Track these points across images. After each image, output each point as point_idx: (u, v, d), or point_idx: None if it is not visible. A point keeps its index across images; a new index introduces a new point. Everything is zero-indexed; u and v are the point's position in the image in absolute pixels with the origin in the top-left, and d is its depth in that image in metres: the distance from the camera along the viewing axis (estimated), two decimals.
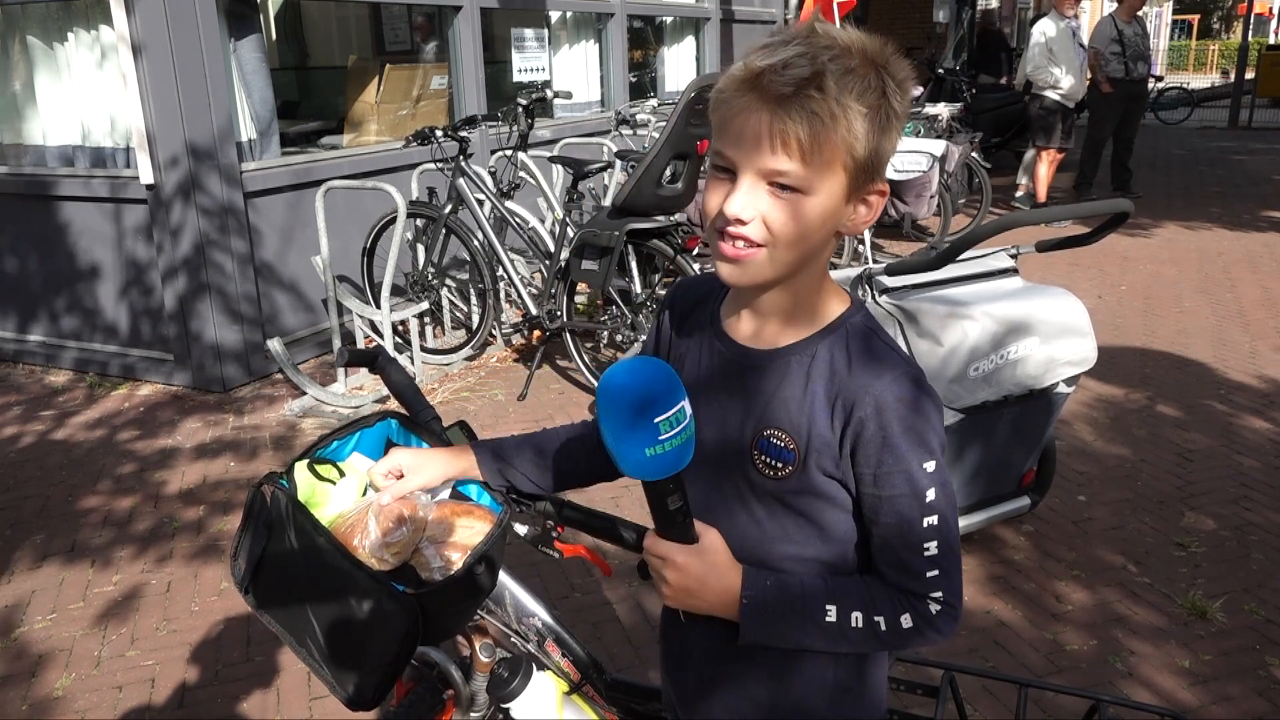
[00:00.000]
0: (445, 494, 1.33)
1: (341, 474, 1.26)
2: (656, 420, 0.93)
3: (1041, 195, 8.42)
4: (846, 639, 1.03)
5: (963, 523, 2.98)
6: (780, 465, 1.05)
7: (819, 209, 0.98)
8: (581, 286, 4.66)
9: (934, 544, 1.01)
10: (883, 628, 1.02)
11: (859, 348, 1.04)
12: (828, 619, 1.03)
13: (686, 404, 0.95)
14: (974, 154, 7.55)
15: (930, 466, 1.01)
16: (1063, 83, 8.10)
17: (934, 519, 1.01)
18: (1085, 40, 8.49)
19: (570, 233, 4.48)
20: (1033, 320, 2.75)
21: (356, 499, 1.25)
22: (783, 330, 1.08)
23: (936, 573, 1.02)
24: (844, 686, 1.13)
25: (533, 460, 1.31)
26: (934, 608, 1.03)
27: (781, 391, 1.05)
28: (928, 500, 1.01)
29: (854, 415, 1.01)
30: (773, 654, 1.11)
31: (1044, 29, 8.07)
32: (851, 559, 1.08)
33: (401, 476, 1.25)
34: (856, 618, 1.02)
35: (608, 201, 5.28)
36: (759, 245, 0.99)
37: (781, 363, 1.06)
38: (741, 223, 0.98)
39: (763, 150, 0.96)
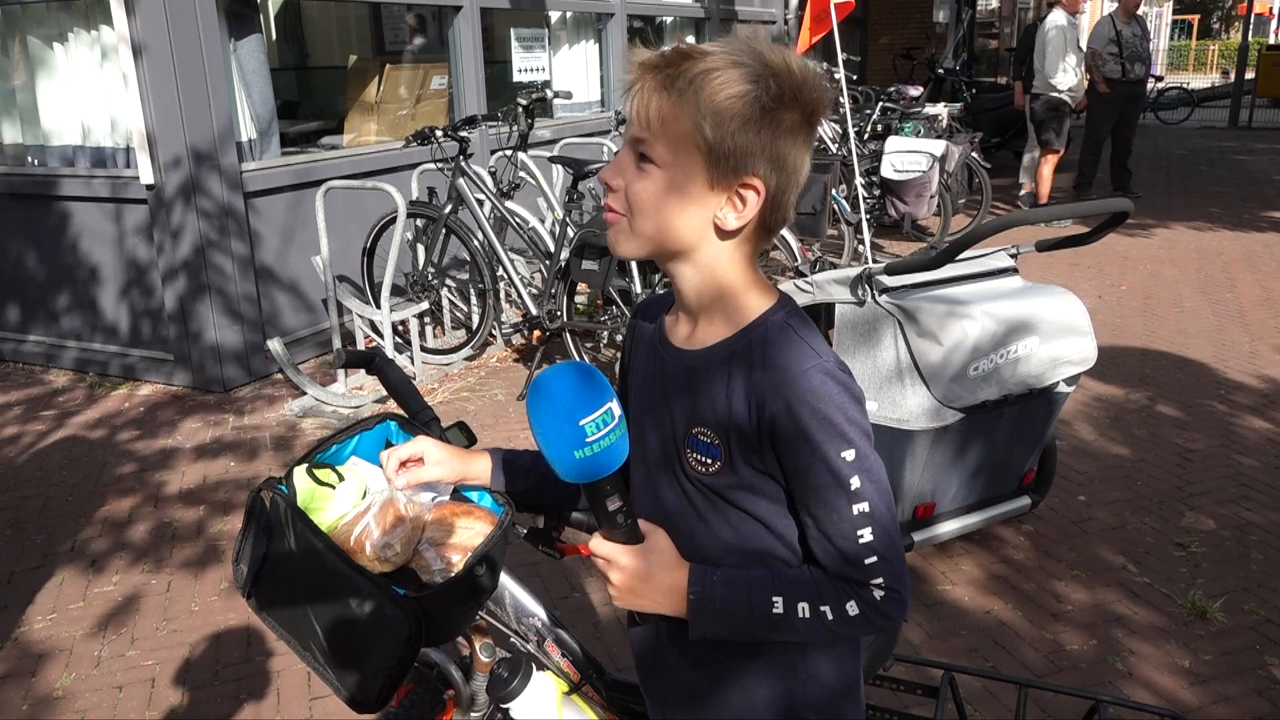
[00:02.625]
0: (445, 495, 1.33)
1: (340, 478, 1.26)
2: (581, 423, 0.96)
3: (1044, 195, 8.43)
4: (795, 629, 1.05)
5: (963, 522, 2.98)
6: (709, 461, 1.08)
7: (672, 184, 1.02)
8: (581, 286, 4.66)
9: (867, 530, 1.02)
10: (829, 616, 1.04)
11: (775, 344, 1.05)
12: (774, 610, 1.04)
13: (614, 405, 0.98)
14: (974, 154, 7.55)
15: (849, 455, 1.01)
16: (1071, 82, 8.11)
17: (863, 505, 1.02)
18: (1082, 41, 8.50)
19: (570, 233, 4.48)
20: (1033, 319, 2.75)
21: (356, 502, 1.25)
22: (709, 330, 1.10)
23: (875, 559, 1.03)
24: (835, 692, 1.14)
25: (544, 476, 1.30)
26: (877, 594, 1.04)
27: (707, 390, 1.08)
28: (853, 488, 1.02)
29: (766, 410, 1.03)
30: (739, 657, 1.13)
31: (1059, 27, 8.05)
32: (796, 550, 1.10)
33: (420, 464, 1.26)
34: (803, 608, 1.04)
35: None
36: (619, 214, 1.06)
37: (706, 361, 1.09)
38: (610, 188, 1.06)
39: (631, 122, 1.03)
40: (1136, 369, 4.76)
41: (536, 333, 4.69)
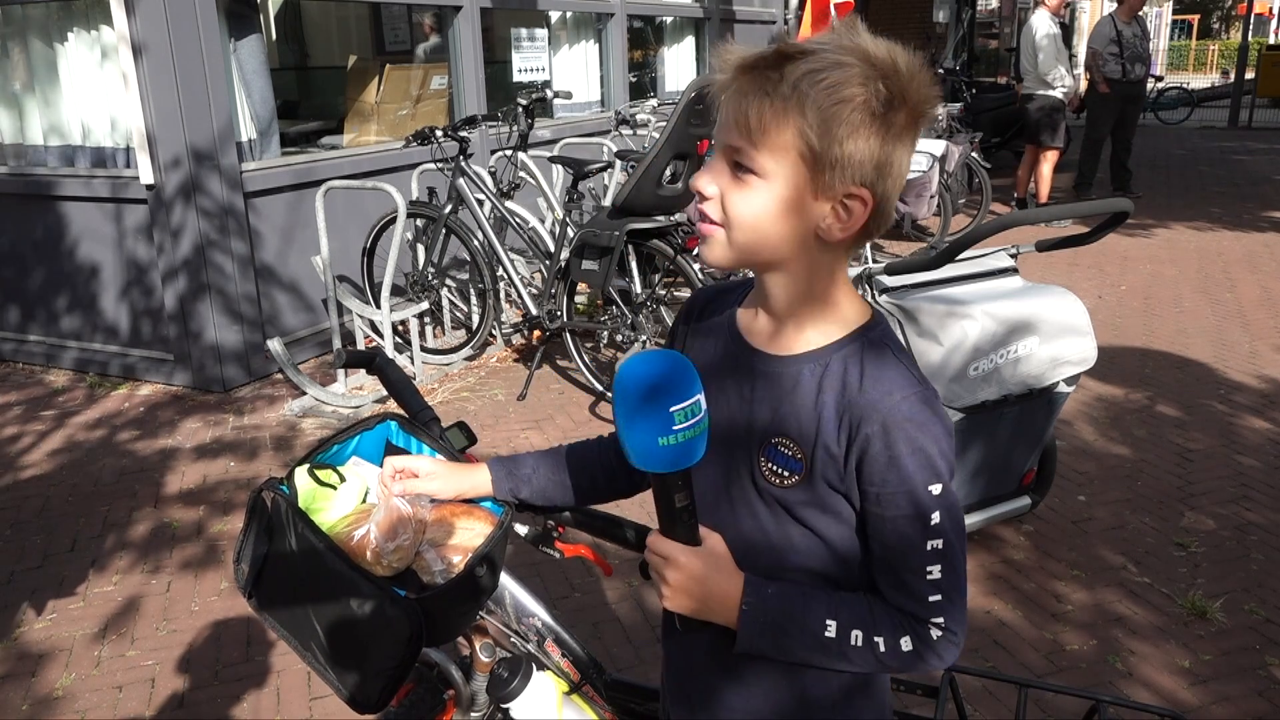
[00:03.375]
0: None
1: (341, 478, 1.26)
2: (672, 409, 0.91)
3: (1044, 195, 8.43)
4: (845, 657, 1.01)
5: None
6: (787, 474, 1.03)
7: (775, 196, 0.97)
8: (581, 286, 4.66)
9: (937, 568, 0.99)
10: (882, 649, 1.00)
11: (872, 363, 1.01)
12: (827, 634, 1.01)
13: (703, 399, 0.94)
14: (974, 154, 7.56)
15: (936, 489, 0.98)
16: (1066, 81, 8.13)
17: (938, 543, 0.99)
18: (1080, 41, 8.53)
19: (570, 233, 4.48)
20: (1033, 319, 2.75)
21: (357, 503, 1.25)
22: (798, 336, 1.05)
23: (939, 597, 1.00)
24: (850, 689, 1.12)
25: (548, 479, 1.30)
26: (935, 633, 1.00)
27: (792, 400, 1.03)
28: (932, 523, 0.98)
29: (860, 432, 0.99)
30: (776, 663, 1.09)
31: (1046, 27, 8.06)
32: (856, 576, 1.06)
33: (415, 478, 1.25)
34: (857, 636, 1.00)
35: (608, 201, 5.28)
36: (717, 224, 1.01)
37: (794, 370, 1.04)
38: (704, 197, 1.00)
39: (726, 128, 0.98)
40: (1136, 369, 4.76)
41: (536, 333, 4.69)
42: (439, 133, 4.76)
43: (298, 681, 2.60)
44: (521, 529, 1.38)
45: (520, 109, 4.91)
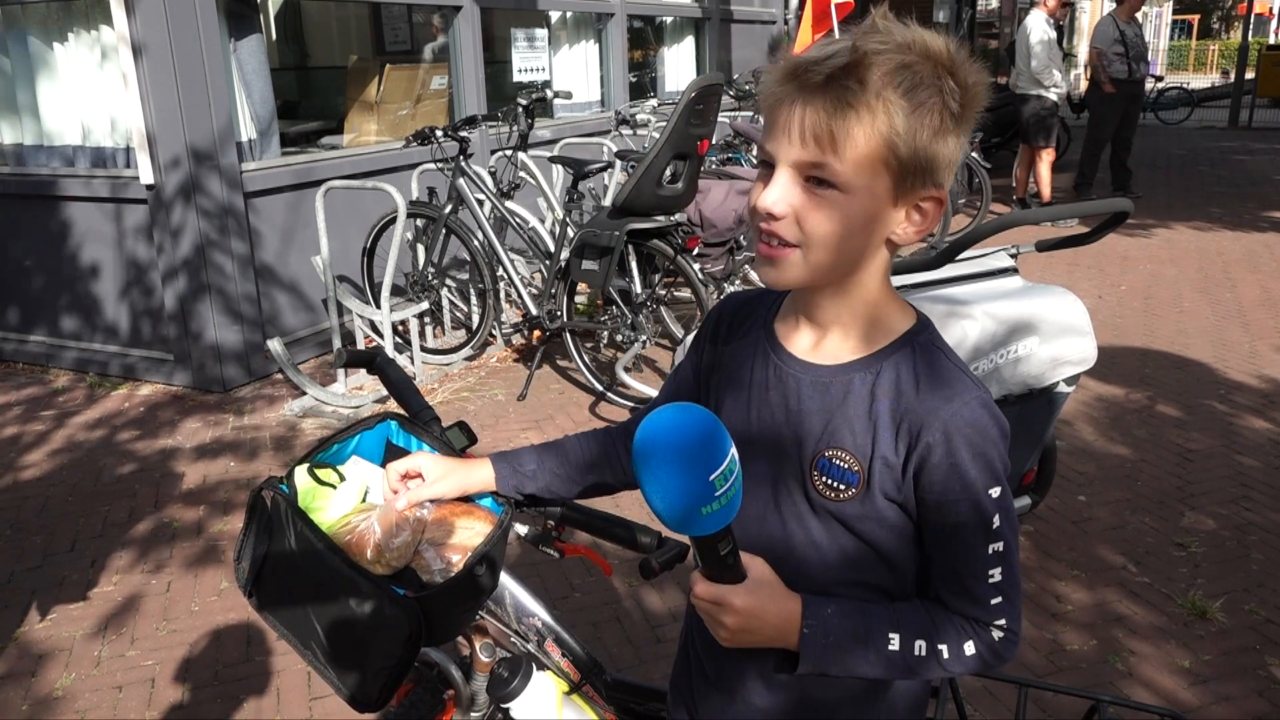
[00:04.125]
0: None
1: (341, 478, 1.26)
2: (712, 478, 0.85)
3: (1046, 195, 8.43)
4: (909, 667, 0.99)
5: None
6: (842, 487, 1.00)
7: (858, 209, 0.93)
8: (581, 286, 4.66)
9: (998, 570, 0.98)
10: (945, 655, 0.99)
11: (926, 368, 0.99)
12: (890, 647, 0.99)
13: (734, 451, 0.87)
14: (974, 154, 7.55)
15: (996, 493, 0.97)
16: (1061, 82, 8.14)
17: (999, 545, 0.98)
18: (1079, 42, 8.54)
19: (570, 233, 4.48)
20: (1033, 319, 2.75)
21: (357, 503, 1.25)
22: (844, 345, 1.02)
23: (1000, 599, 0.99)
24: (876, 685, 1.11)
25: (553, 474, 1.29)
26: (997, 634, 1.00)
27: (844, 410, 1.00)
28: (993, 527, 0.97)
29: (921, 439, 0.96)
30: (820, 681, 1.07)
31: (1041, 29, 8.07)
32: (910, 585, 1.05)
33: (419, 480, 1.25)
34: (920, 645, 0.99)
35: (608, 201, 5.28)
36: (793, 245, 0.95)
37: (844, 380, 1.01)
38: (774, 218, 0.94)
39: (794, 142, 0.92)
40: (1136, 369, 4.75)
41: (536, 333, 4.69)
42: (439, 133, 4.76)
43: (298, 681, 2.60)
44: (521, 529, 1.38)
45: (520, 109, 4.91)
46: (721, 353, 1.14)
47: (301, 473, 1.24)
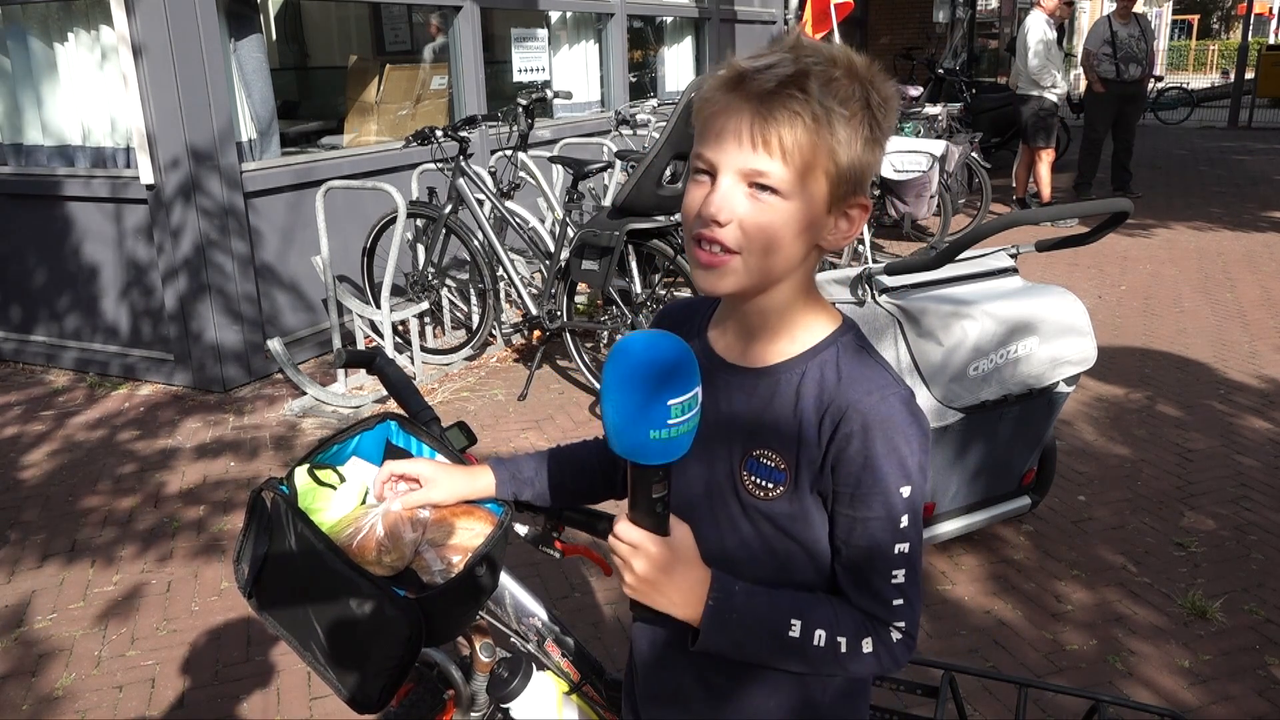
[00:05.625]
0: None
1: (341, 478, 1.26)
2: (670, 403, 0.87)
3: (1046, 195, 8.44)
4: (806, 657, 1.00)
5: (963, 522, 2.98)
6: (770, 486, 1.03)
7: (798, 216, 0.96)
8: (581, 286, 4.66)
9: (901, 572, 0.99)
10: (843, 649, 1.00)
11: (849, 364, 1.02)
12: (790, 633, 0.99)
13: (700, 393, 0.90)
14: (974, 154, 7.56)
15: (906, 492, 0.98)
16: (1060, 83, 8.14)
17: (904, 546, 0.99)
18: (1078, 43, 8.56)
19: (570, 233, 4.48)
20: (1033, 319, 2.75)
21: (356, 503, 1.25)
22: (771, 347, 1.05)
23: (901, 602, 1.00)
24: (842, 693, 1.12)
25: (550, 482, 1.30)
26: (895, 635, 1.00)
27: (771, 411, 1.03)
28: (901, 526, 0.98)
29: (840, 430, 0.98)
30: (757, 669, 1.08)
31: (1040, 30, 8.07)
32: (829, 579, 1.06)
33: (417, 485, 1.25)
34: (820, 635, 0.99)
35: (608, 201, 5.28)
36: (734, 252, 0.97)
37: (770, 381, 1.04)
38: (718, 224, 0.96)
39: (744, 149, 0.94)
40: (1136, 369, 4.76)
41: (536, 333, 4.69)
42: (439, 133, 4.76)
43: (298, 681, 2.60)
44: (521, 529, 1.38)
45: (520, 109, 4.91)
46: None
47: (301, 473, 1.24)
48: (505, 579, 1.43)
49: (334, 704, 2.48)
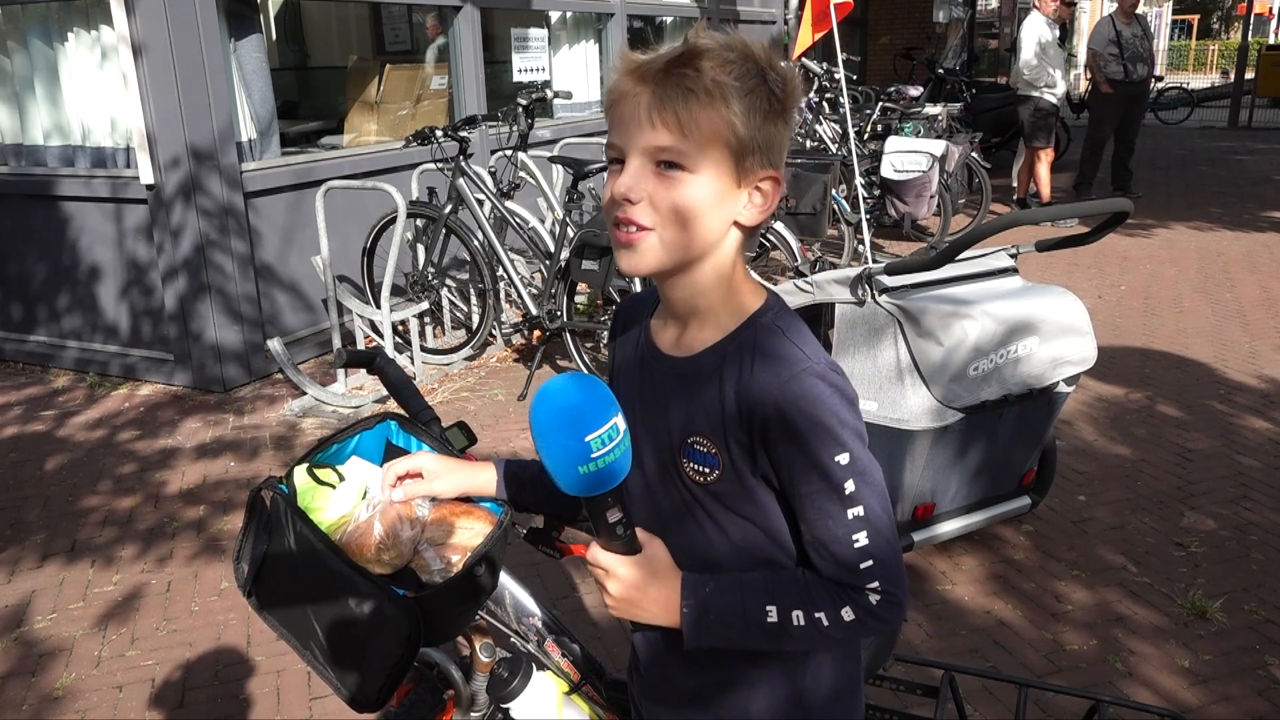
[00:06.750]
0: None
1: (341, 478, 1.26)
2: (587, 438, 0.93)
3: (1046, 195, 8.44)
4: (790, 637, 1.03)
5: (963, 522, 2.98)
6: (707, 470, 1.06)
7: (705, 189, 1.00)
8: (581, 286, 4.66)
9: (863, 534, 1.01)
10: (825, 623, 1.02)
11: (762, 349, 1.04)
12: (769, 620, 1.03)
13: (619, 420, 0.95)
14: (974, 154, 7.55)
15: (843, 459, 1.00)
16: (1059, 84, 8.14)
17: (858, 510, 1.01)
18: (1079, 43, 8.54)
19: (570, 233, 4.48)
20: (1033, 319, 2.75)
21: (356, 503, 1.25)
22: (700, 334, 1.08)
23: (870, 563, 1.01)
24: (837, 690, 1.13)
25: (551, 490, 1.31)
26: (873, 598, 1.02)
27: (700, 398, 1.06)
28: (847, 493, 1.00)
29: (758, 417, 1.01)
30: (740, 662, 1.12)
31: (1038, 30, 8.07)
32: (798, 556, 1.08)
33: (419, 479, 1.26)
34: (797, 616, 1.02)
35: None
36: (648, 228, 1.01)
37: (697, 368, 1.07)
38: (630, 203, 1.00)
39: (644, 128, 0.99)
40: (1136, 369, 4.76)
41: (536, 333, 4.69)
42: (439, 133, 4.76)
43: (298, 681, 2.60)
44: (521, 529, 1.38)
45: (520, 109, 4.91)
46: (615, 351, 1.23)
47: (301, 473, 1.24)
48: (505, 579, 1.43)
49: (334, 704, 2.48)
